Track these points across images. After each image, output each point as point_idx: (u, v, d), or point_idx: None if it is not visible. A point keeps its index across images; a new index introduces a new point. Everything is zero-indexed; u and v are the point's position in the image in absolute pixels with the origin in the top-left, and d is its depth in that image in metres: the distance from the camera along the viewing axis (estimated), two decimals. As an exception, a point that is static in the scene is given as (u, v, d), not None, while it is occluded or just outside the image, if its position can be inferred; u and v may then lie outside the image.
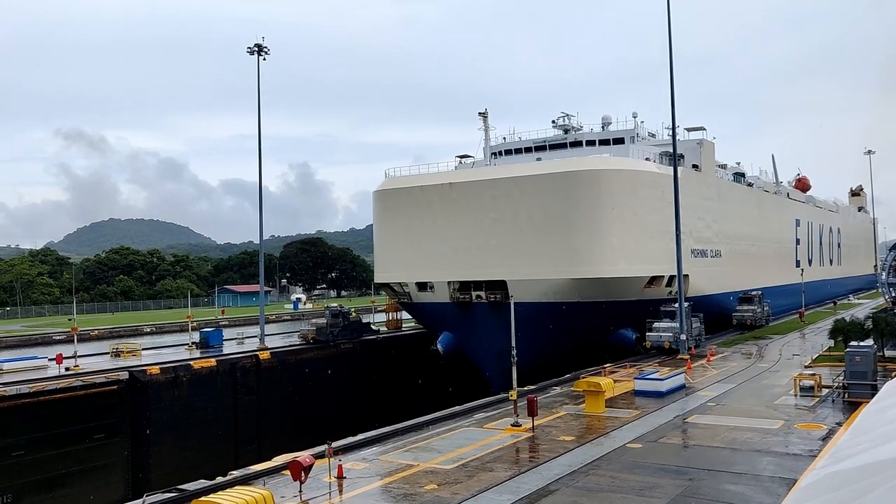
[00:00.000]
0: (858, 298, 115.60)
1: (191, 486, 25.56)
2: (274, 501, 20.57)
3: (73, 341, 59.63)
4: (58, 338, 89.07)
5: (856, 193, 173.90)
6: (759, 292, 73.70)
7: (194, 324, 71.99)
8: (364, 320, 72.90)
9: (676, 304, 53.57)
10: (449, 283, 60.03)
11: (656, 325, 54.43)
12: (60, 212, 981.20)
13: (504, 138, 76.93)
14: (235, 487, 21.61)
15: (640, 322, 56.63)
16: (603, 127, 74.01)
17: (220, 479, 26.30)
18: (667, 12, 54.39)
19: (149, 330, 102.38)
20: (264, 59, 66.96)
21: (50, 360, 55.71)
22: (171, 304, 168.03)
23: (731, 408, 35.05)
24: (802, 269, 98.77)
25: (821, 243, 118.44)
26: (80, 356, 56.12)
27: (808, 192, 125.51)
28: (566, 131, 73.78)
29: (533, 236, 56.30)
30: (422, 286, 62.05)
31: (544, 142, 72.27)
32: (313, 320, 72.02)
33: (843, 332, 47.56)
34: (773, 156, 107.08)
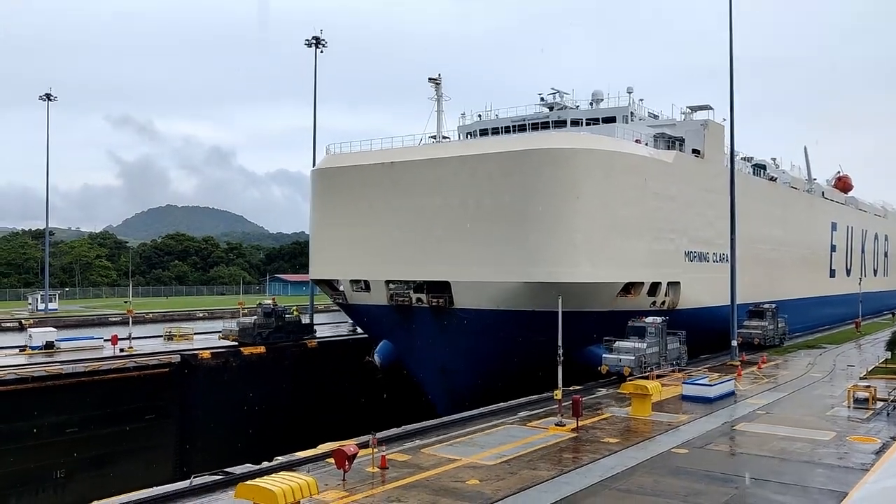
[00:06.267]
0: None
1: (237, 470, 26.07)
2: (317, 489, 20.79)
3: (128, 323, 61.17)
4: (114, 319, 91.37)
5: None
6: (773, 305, 62.60)
7: (245, 311, 73.17)
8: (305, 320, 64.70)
9: (647, 319, 45.66)
10: (387, 282, 51.51)
11: (618, 344, 44.23)
12: (119, 197, 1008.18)
13: (479, 116, 65.20)
14: (280, 473, 21.90)
15: (616, 337, 46.05)
16: (592, 104, 63.72)
17: (265, 464, 26.79)
18: (729, 16, 53.42)
19: (201, 315, 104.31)
20: (321, 52, 67.85)
21: (105, 340, 57.36)
22: (224, 290, 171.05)
23: (782, 417, 34.37)
24: (861, 279, 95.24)
25: (863, 250, 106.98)
26: (134, 338, 57.75)
27: (850, 194, 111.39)
28: (551, 108, 62.59)
29: (482, 229, 47.24)
30: (357, 285, 53.79)
31: (524, 120, 61.21)
32: (241, 319, 63.13)
33: (902, 344, 46.33)
34: (805, 148, 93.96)
